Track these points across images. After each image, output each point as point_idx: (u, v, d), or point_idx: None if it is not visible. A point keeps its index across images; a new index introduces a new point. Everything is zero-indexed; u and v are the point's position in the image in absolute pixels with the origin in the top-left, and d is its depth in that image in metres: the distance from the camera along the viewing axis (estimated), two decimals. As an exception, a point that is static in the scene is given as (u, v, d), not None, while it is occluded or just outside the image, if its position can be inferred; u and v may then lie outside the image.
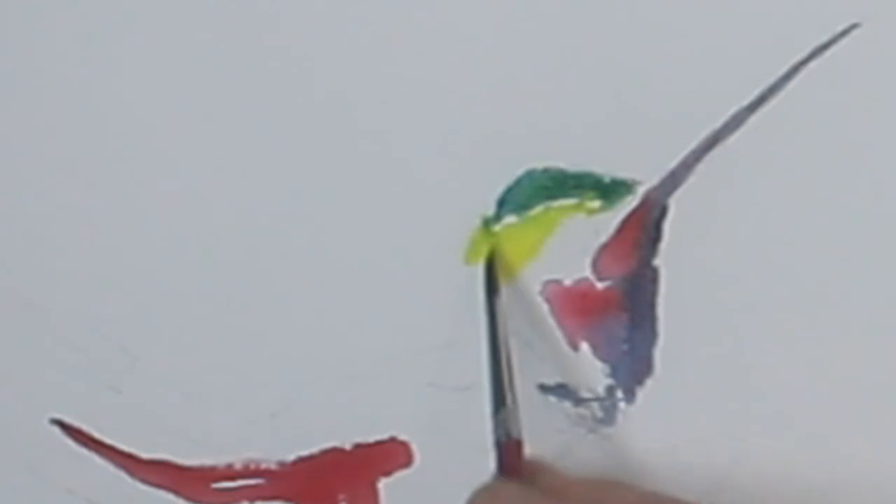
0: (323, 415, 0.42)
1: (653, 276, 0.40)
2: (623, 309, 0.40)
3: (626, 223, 0.40)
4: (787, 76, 0.38)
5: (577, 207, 0.40)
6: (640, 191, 0.40)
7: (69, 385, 0.42)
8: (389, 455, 0.42)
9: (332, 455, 0.42)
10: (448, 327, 0.41)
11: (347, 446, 0.42)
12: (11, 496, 0.43)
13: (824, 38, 0.38)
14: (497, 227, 0.40)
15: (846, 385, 0.40)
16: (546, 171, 0.40)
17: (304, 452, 0.42)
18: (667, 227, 0.40)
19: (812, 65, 0.38)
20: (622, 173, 0.39)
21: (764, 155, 0.39)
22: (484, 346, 0.40)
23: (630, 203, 0.40)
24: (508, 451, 0.39)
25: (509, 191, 0.40)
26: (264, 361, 0.42)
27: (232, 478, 0.42)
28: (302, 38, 0.40)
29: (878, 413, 0.40)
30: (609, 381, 0.41)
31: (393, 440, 0.42)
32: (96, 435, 0.42)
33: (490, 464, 0.39)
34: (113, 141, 0.41)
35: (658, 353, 0.41)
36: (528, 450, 0.40)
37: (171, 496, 0.42)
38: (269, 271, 0.41)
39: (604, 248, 0.40)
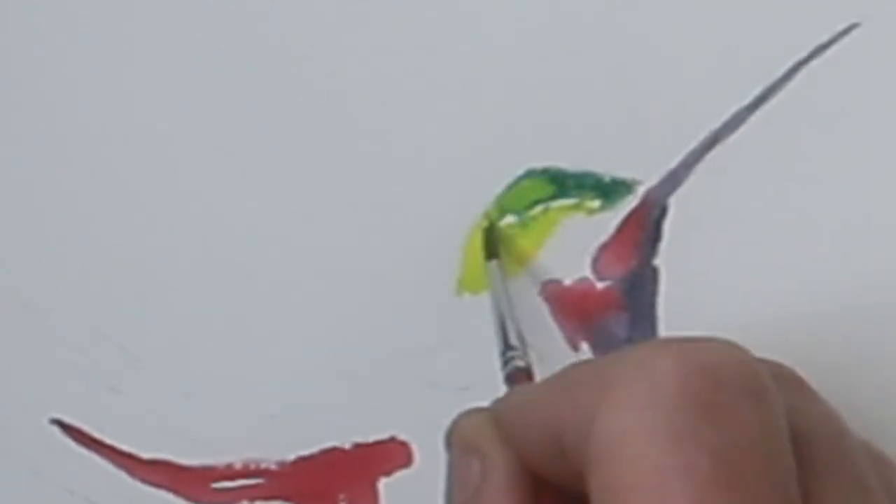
0: (323, 415, 0.42)
1: (653, 276, 0.40)
2: (623, 309, 0.40)
3: (626, 223, 0.40)
4: (787, 76, 0.38)
5: (577, 207, 0.40)
6: (640, 190, 0.40)
7: (69, 385, 0.42)
8: (389, 455, 0.42)
9: (332, 455, 0.42)
10: (448, 327, 0.41)
11: (347, 446, 0.42)
12: (11, 496, 0.43)
13: (824, 38, 0.38)
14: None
15: (847, 385, 0.40)
16: (546, 170, 0.40)
17: (304, 452, 0.42)
18: (667, 226, 0.40)
19: (812, 65, 0.38)
20: (622, 173, 0.39)
21: (764, 155, 0.39)
22: (486, 339, 0.39)
23: (630, 203, 0.40)
24: (518, 380, 0.37)
25: (509, 190, 0.40)
26: (264, 362, 0.42)
27: (232, 478, 0.42)
28: (302, 37, 0.40)
29: (880, 413, 0.40)
30: (609, 380, 0.41)
31: (393, 440, 0.42)
32: (96, 435, 0.42)
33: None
34: (113, 140, 0.41)
35: (658, 353, 0.40)
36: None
37: (170, 496, 0.42)
38: (268, 271, 0.41)
39: (604, 248, 0.40)
